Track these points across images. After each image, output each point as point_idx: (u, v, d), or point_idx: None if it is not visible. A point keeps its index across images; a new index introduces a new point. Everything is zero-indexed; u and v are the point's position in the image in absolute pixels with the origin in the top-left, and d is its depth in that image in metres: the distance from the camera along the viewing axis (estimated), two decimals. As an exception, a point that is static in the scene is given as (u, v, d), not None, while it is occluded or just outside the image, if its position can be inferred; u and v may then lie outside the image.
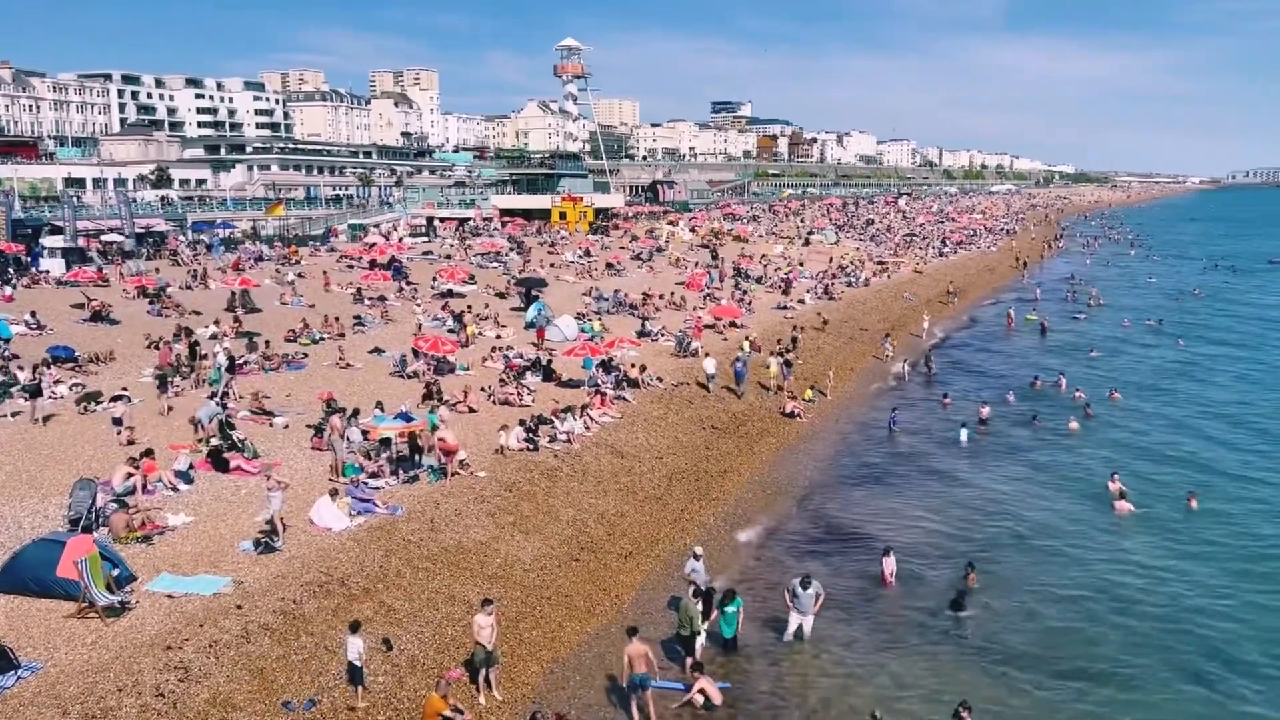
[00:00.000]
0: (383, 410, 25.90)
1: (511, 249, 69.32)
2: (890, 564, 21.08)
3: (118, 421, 24.36)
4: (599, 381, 31.76)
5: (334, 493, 20.37)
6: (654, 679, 15.55)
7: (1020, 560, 22.48)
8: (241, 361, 31.66)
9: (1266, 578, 21.25)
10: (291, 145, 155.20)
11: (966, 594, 20.06)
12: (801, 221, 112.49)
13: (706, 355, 36.38)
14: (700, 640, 17.30)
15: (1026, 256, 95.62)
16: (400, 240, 72.68)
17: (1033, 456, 30.96)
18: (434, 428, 23.84)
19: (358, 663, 14.24)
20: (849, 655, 17.89)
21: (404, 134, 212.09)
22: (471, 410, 27.98)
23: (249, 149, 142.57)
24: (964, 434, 32.71)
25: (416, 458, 23.27)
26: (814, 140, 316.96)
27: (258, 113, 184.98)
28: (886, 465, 30.18)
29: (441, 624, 16.83)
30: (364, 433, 24.00)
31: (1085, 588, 20.89)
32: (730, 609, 17.92)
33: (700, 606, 17.61)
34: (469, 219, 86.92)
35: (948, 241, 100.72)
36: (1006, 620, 19.38)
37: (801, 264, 69.59)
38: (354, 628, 14.59)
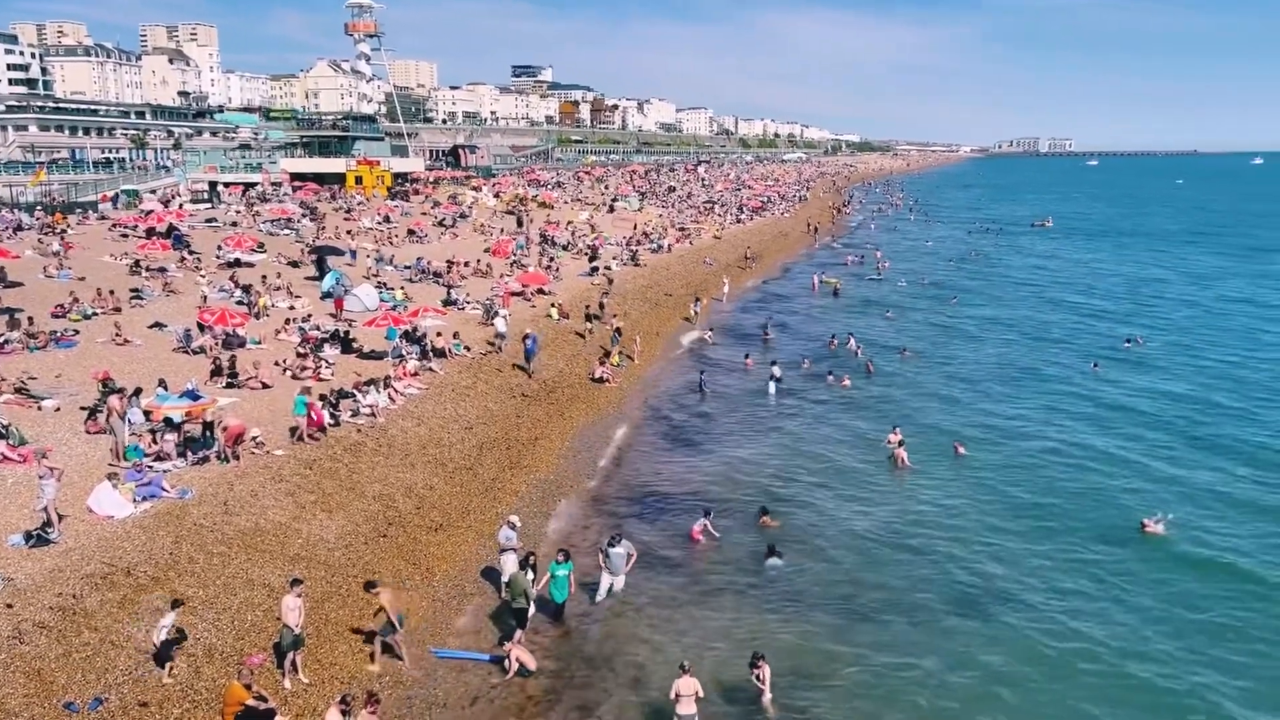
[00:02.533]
0: (166, 389, 24.22)
1: (304, 215, 66.14)
2: (703, 523, 21.80)
3: None
4: (403, 352, 30.92)
5: (114, 477, 18.92)
6: (400, 624, 15.80)
7: (815, 510, 23.70)
8: (1, 341, 28.79)
9: (1025, 516, 23.20)
10: (52, 104, 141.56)
11: (776, 542, 21.04)
12: (606, 188, 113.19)
13: (496, 315, 36.00)
14: (531, 610, 17.27)
15: (818, 223, 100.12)
16: (180, 207, 67.91)
17: (828, 413, 32.60)
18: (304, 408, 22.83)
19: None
20: (661, 612, 18.36)
21: (181, 93, 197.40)
22: (265, 386, 26.62)
23: (1, 108, 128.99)
24: (772, 387, 34.57)
25: (207, 437, 21.92)
26: (616, 107, 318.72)
27: (10, 67, 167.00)
28: (693, 425, 31.02)
29: (240, 610, 16.01)
30: (146, 413, 22.37)
31: (872, 533, 22.25)
32: (561, 573, 17.95)
33: (532, 576, 17.55)
34: (256, 184, 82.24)
35: (745, 208, 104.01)
36: (804, 568, 20.42)
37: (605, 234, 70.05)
38: (175, 604, 14.44)
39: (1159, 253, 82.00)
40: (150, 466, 20.19)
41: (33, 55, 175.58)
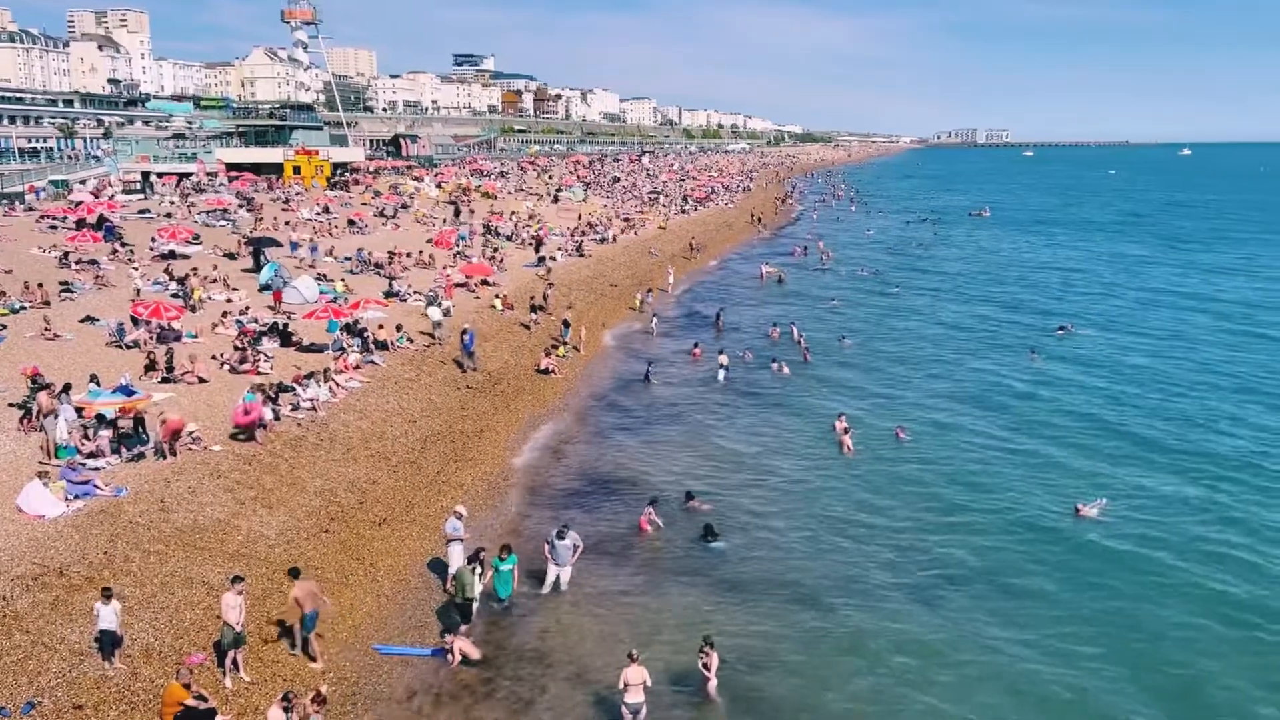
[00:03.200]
0: (99, 384, 23.62)
1: (241, 206, 64.85)
2: (650, 512, 21.92)
3: None
4: (344, 345, 30.52)
5: (45, 475, 18.43)
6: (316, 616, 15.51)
7: (761, 497, 23.92)
8: (-79, 336, 27.84)
9: (965, 500, 23.62)
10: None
11: (717, 525, 21.26)
12: (550, 178, 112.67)
13: (432, 304, 35.71)
14: (476, 606, 17.18)
15: (761, 213, 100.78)
16: (112, 198, 66.06)
17: (772, 401, 32.89)
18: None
19: (115, 629, 13.89)
20: (608, 602, 18.39)
21: (111, 81, 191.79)
22: (202, 380, 26.10)
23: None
24: (721, 375, 35.04)
25: (140, 433, 21.44)
26: (559, 96, 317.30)
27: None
28: (640, 415, 31.09)
29: (179, 609, 15.72)
30: (78, 409, 21.81)
31: (816, 518, 22.53)
32: (505, 567, 17.88)
33: (480, 570, 17.45)
34: (191, 174, 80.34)
35: (689, 199, 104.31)
36: (749, 553, 20.63)
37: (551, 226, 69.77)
38: (106, 594, 14.07)
39: (1091, 242, 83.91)
40: (83, 464, 19.69)
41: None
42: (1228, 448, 27.30)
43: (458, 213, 68.65)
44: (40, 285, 34.83)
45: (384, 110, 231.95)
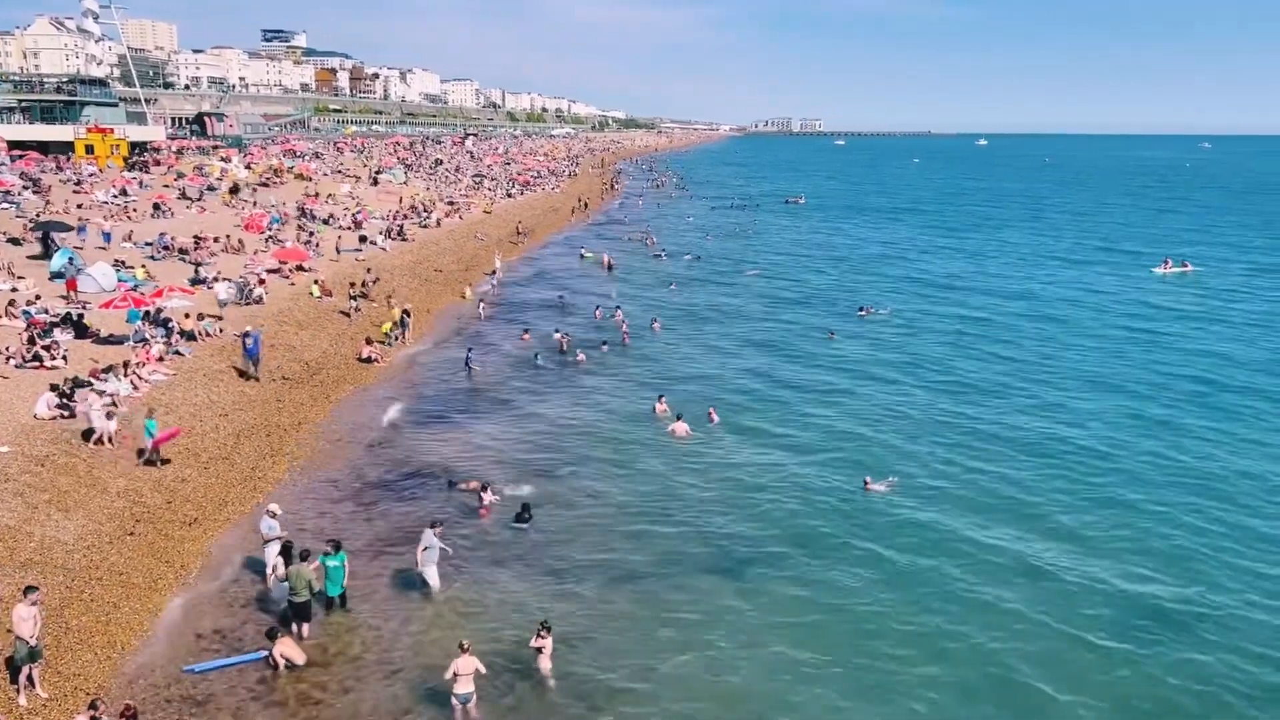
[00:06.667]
0: None
1: (26, 187, 59.79)
2: (489, 497, 21.89)
3: None
4: (146, 335, 28.76)
5: None
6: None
7: (580, 480, 24.13)
8: None
9: (767, 478, 24.45)
10: None
11: (529, 505, 21.49)
12: (369, 160, 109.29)
13: (216, 280, 34.32)
14: (312, 605, 16.64)
15: (588, 198, 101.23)
16: None
17: (591, 383, 33.21)
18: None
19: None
20: (437, 593, 18.12)
21: None
22: (-15, 376, 24.06)
23: None
24: (540, 360, 35.22)
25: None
26: (376, 76, 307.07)
27: None
28: (462, 402, 30.77)
29: (-37, 625, 14.51)
30: None
31: (633, 499, 22.92)
32: (333, 563, 17.33)
33: (311, 568, 16.85)
34: (-34, 152, 73.42)
35: (515, 183, 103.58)
36: (570, 535, 20.79)
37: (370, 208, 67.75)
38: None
39: (896, 227, 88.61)
40: None
41: None
42: (1006, 422, 29.44)
43: (235, 190, 65.47)
44: None
45: (186, 87, 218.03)
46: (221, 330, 31.25)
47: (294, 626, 16.32)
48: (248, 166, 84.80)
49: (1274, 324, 44.16)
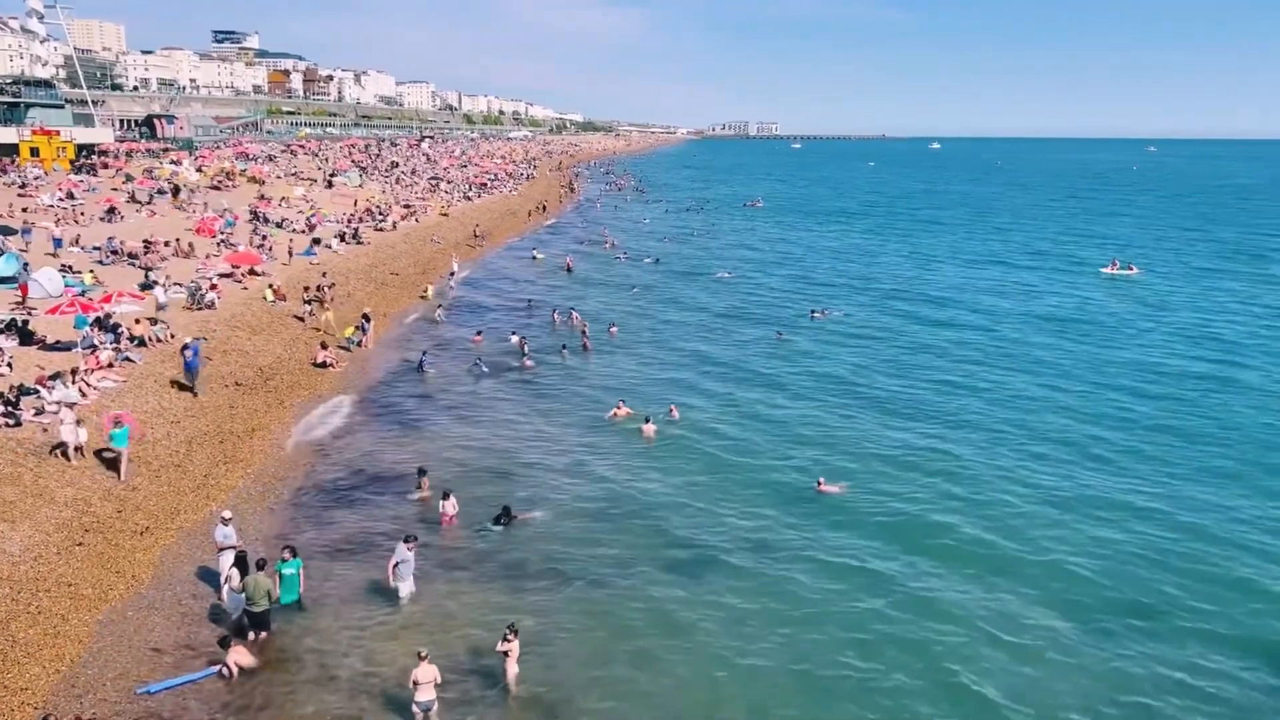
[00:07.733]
0: None
1: (-31, 191, 58.46)
2: (450, 504, 21.63)
3: None
4: (95, 342, 28.22)
5: None
6: None
7: (540, 480, 24.15)
8: None
9: (721, 478, 24.62)
10: None
11: (510, 508, 21.50)
12: (323, 162, 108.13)
13: (154, 285, 34.21)
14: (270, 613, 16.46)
15: (546, 201, 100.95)
16: None
17: (550, 386, 33.15)
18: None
19: None
20: (392, 596, 17.98)
21: None
22: (-73, 385, 23.46)
23: None
24: (483, 365, 34.93)
25: None
26: (330, 78, 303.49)
27: None
28: (416, 406, 30.55)
29: (-96, 641, 14.16)
30: None
31: (592, 502, 22.95)
32: (289, 570, 17.15)
33: (267, 576, 16.63)
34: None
35: (472, 186, 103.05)
36: (527, 541, 20.71)
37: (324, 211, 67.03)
38: None
39: (849, 230, 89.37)
40: None
41: None
42: (959, 419, 29.88)
43: (176, 192, 64.58)
44: None
45: (135, 89, 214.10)
46: (173, 336, 30.75)
47: (251, 635, 16.13)
48: (199, 169, 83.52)
49: (1214, 321, 45.28)
